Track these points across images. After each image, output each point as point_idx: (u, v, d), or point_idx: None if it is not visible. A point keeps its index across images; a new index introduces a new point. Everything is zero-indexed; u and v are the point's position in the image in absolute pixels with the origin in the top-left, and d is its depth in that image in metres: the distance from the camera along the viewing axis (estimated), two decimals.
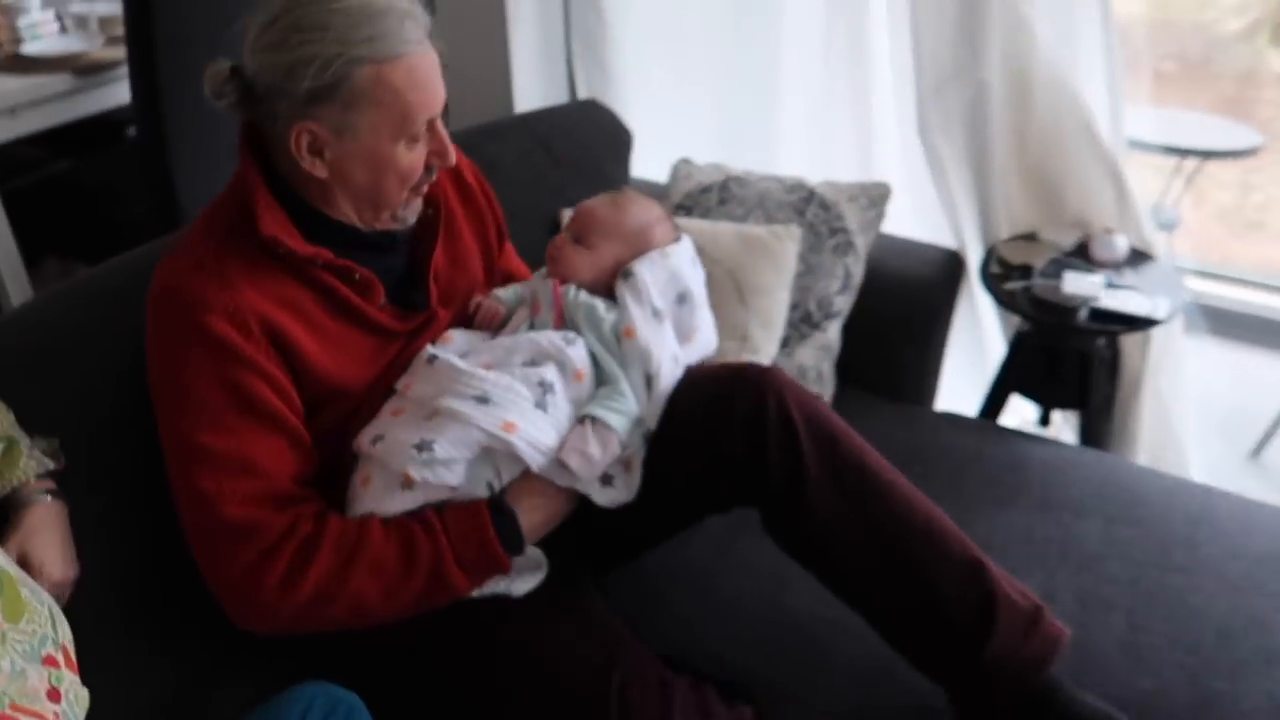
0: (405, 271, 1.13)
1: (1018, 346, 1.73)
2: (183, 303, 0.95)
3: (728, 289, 1.56)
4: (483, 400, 1.00)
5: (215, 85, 0.97)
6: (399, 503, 0.99)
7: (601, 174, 1.74)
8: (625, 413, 1.04)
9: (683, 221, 1.63)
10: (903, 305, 1.70)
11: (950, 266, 1.76)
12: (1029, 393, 1.77)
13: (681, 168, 1.82)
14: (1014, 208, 1.73)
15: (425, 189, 1.08)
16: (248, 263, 0.98)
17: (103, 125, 2.25)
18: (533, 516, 1.02)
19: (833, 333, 1.65)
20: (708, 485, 1.07)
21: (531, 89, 2.02)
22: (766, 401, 1.03)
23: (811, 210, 1.67)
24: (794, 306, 1.63)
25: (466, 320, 1.18)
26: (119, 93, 2.16)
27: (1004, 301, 1.63)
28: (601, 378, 1.08)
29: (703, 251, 1.50)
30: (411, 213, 1.09)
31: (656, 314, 1.11)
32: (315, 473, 1.01)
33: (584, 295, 1.12)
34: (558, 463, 1.02)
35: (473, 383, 1.00)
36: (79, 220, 2.30)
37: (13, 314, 1.11)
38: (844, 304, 1.66)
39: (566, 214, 1.66)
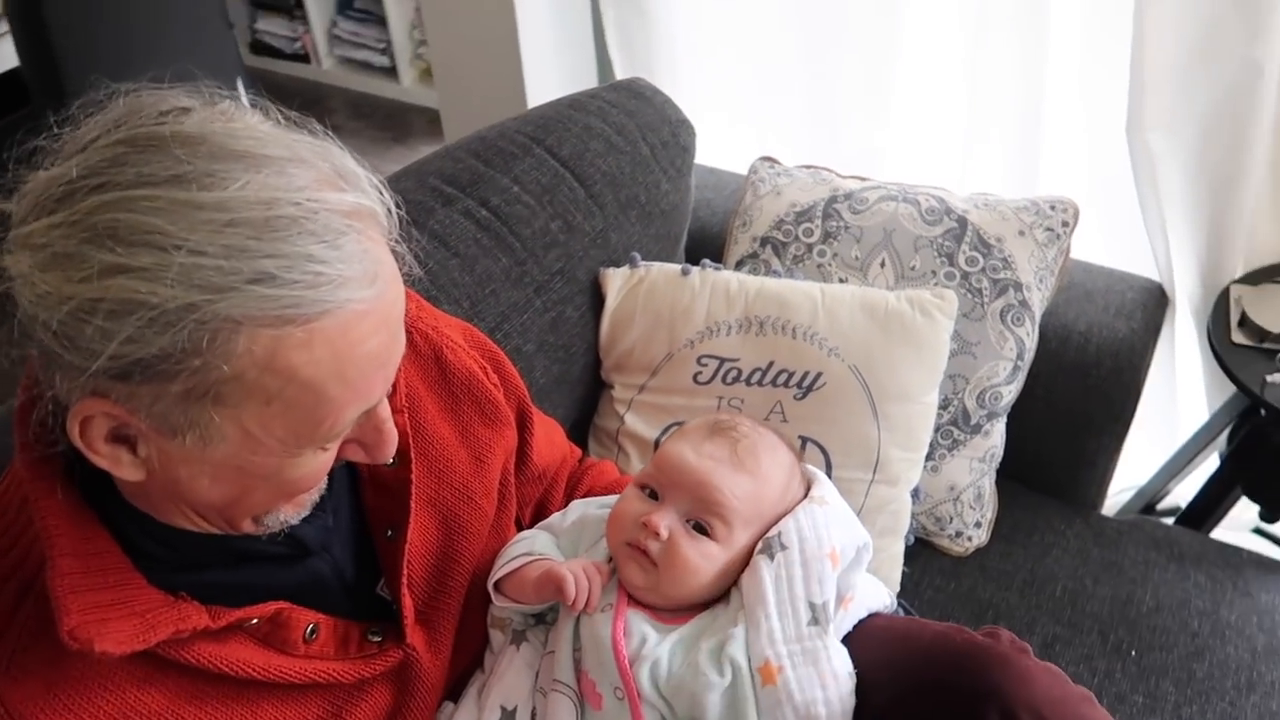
0: (357, 559, 0.68)
1: (1253, 441, 1.22)
2: None
3: (849, 396, 1.04)
4: None
5: None
6: None
7: (657, 202, 1.19)
8: None
9: (775, 285, 1.09)
10: (1079, 374, 1.19)
11: (1150, 314, 1.23)
12: (1257, 495, 1.26)
13: (763, 175, 1.27)
14: (1259, 234, 1.19)
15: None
16: (46, 661, 0.54)
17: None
18: None
19: (997, 435, 1.14)
20: None
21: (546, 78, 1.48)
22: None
23: (965, 251, 1.14)
24: (944, 405, 1.11)
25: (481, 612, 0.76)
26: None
27: (1246, 387, 1.11)
28: None
29: (809, 338, 1.00)
30: (294, 514, 0.61)
31: (817, 618, 0.64)
32: None
33: (672, 649, 0.66)
34: None
35: None
36: None
37: None
38: (1014, 392, 1.13)
39: (610, 277, 1.12)
